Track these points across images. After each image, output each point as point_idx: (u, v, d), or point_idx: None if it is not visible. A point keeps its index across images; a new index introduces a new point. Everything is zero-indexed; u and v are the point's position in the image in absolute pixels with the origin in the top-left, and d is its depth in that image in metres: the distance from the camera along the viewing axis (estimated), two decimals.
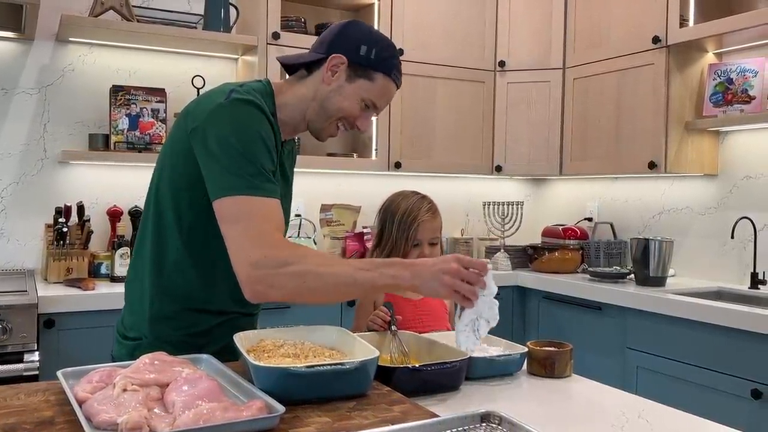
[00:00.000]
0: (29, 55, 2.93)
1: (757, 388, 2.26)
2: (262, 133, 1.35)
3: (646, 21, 3.03)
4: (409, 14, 3.36)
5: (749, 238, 2.90)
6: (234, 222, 1.29)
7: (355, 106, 1.47)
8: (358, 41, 1.44)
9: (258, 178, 1.31)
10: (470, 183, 3.89)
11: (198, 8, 3.17)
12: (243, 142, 1.31)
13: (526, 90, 3.54)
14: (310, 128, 1.52)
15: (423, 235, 1.92)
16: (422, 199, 1.98)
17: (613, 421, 1.18)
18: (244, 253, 1.26)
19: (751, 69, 2.89)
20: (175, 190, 1.41)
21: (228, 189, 1.29)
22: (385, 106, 1.52)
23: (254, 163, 1.31)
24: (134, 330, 1.48)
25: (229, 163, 1.30)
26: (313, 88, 1.47)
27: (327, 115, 1.48)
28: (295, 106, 1.49)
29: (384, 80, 1.46)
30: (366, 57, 1.44)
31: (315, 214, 3.40)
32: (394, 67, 1.47)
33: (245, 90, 1.40)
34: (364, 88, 1.45)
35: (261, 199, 1.30)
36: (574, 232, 3.53)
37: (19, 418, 1.03)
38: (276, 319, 2.61)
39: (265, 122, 1.37)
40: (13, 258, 2.90)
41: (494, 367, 1.43)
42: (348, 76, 1.45)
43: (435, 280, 1.26)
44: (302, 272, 1.25)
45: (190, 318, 1.45)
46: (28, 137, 2.93)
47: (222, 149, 1.31)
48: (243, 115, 1.35)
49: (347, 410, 1.12)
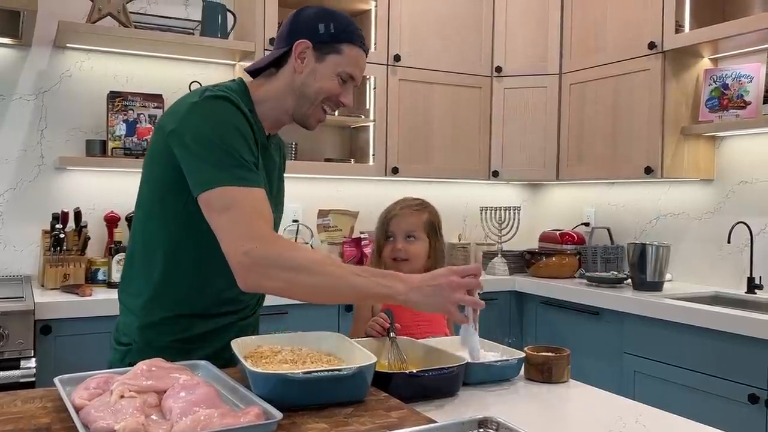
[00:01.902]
0: (27, 61, 2.93)
1: (754, 393, 2.27)
2: (238, 125, 1.35)
3: (642, 27, 3.04)
4: (406, 20, 3.37)
5: (745, 242, 2.91)
6: (222, 212, 1.29)
7: (333, 82, 1.47)
8: (313, 22, 1.45)
9: (240, 169, 1.31)
10: (467, 188, 3.89)
11: (195, 14, 3.18)
12: (220, 135, 1.32)
13: (522, 95, 3.55)
14: (296, 118, 1.52)
15: (396, 228, 1.92)
16: (407, 198, 2.00)
17: (611, 426, 1.18)
18: (236, 243, 1.27)
19: (747, 74, 2.90)
20: (159, 197, 1.42)
21: (212, 181, 1.30)
22: (361, 74, 1.52)
23: (233, 155, 1.31)
24: (126, 335, 1.48)
25: (209, 157, 1.31)
26: (287, 80, 1.48)
27: (309, 100, 1.48)
28: (274, 101, 1.49)
29: (351, 49, 1.47)
30: (327, 33, 1.45)
31: (312, 220, 3.40)
32: (356, 33, 1.48)
33: (219, 88, 1.41)
34: (336, 62, 1.46)
35: (246, 189, 1.31)
36: (571, 237, 3.54)
37: (16, 425, 1.03)
38: (273, 324, 2.61)
39: (240, 116, 1.37)
40: (10, 264, 2.90)
41: (492, 373, 1.43)
42: (317, 57, 1.45)
43: (437, 296, 1.27)
44: (295, 267, 1.26)
45: (181, 324, 1.45)
46: (25, 143, 2.93)
47: (200, 144, 1.32)
48: (217, 109, 1.36)
49: (345, 416, 1.12)
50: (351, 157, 3.56)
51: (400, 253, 1.91)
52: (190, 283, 1.44)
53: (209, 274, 1.42)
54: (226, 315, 1.50)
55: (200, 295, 1.45)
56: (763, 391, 2.25)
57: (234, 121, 1.36)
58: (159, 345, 1.42)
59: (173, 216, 1.40)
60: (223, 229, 1.29)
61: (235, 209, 1.28)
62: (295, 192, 3.43)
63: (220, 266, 1.30)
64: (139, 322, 1.45)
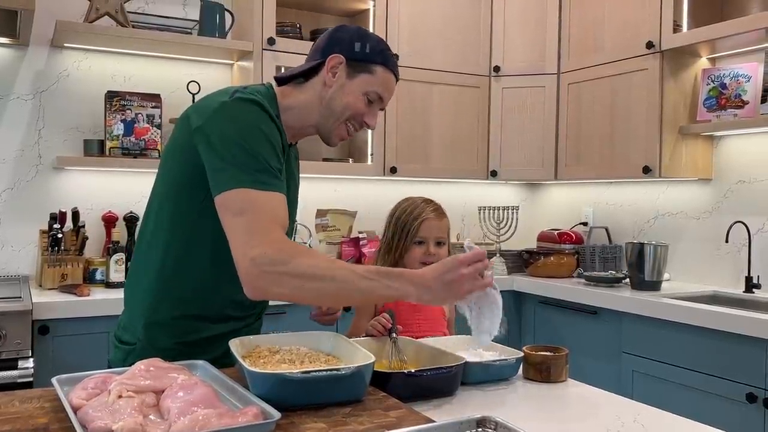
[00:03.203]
0: (24, 60, 2.93)
1: (752, 392, 2.27)
2: (266, 130, 1.35)
3: (640, 26, 3.04)
4: (404, 20, 3.36)
5: (743, 242, 2.91)
6: (237, 215, 1.27)
7: (360, 101, 1.48)
8: (351, 39, 1.47)
9: (263, 174, 1.30)
10: (466, 188, 3.90)
11: (193, 14, 3.17)
12: (247, 138, 1.31)
13: (521, 95, 3.55)
14: (320, 132, 1.52)
15: (428, 233, 1.91)
16: (428, 201, 1.98)
17: (609, 425, 1.18)
18: (245, 248, 1.25)
19: (745, 74, 2.90)
20: (174, 193, 1.41)
21: (232, 182, 1.29)
22: (389, 98, 1.52)
23: (258, 159, 1.30)
24: (129, 334, 1.47)
25: (233, 159, 1.29)
26: (316, 91, 1.48)
27: (334, 116, 1.48)
28: (300, 111, 1.49)
29: (384, 71, 1.48)
30: (362, 52, 1.46)
31: (311, 220, 3.40)
32: (391, 58, 1.50)
33: (249, 91, 1.41)
34: (367, 81, 1.47)
35: (266, 194, 1.29)
36: (569, 237, 3.54)
37: (13, 425, 1.02)
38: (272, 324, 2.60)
39: (269, 121, 1.37)
40: (8, 264, 2.89)
41: (490, 372, 1.43)
42: (348, 74, 1.46)
43: (448, 291, 1.26)
44: (303, 274, 1.24)
45: (187, 325, 1.45)
46: (23, 143, 2.92)
47: (226, 145, 1.31)
48: (246, 113, 1.35)
49: (343, 416, 1.12)
50: (349, 157, 3.56)
51: (431, 258, 1.88)
52: (199, 283, 1.43)
53: (219, 276, 1.42)
54: (233, 320, 1.49)
55: (209, 296, 1.44)
56: (761, 390, 2.25)
57: (262, 125, 1.35)
58: (163, 346, 1.40)
59: (187, 213, 1.40)
60: (234, 232, 1.28)
61: (251, 213, 1.27)
62: None
63: (231, 269, 1.28)
64: (145, 319, 1.44)
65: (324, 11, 3.49)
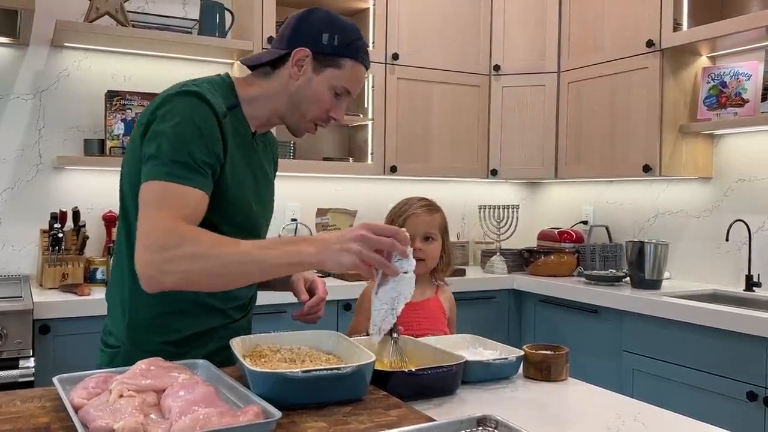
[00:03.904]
0: (24, 60, 2.93)
1: (752, 390, 2.27)
2: (199, 123, 1.31)
3: (640, 25, 3.04)
4: (404, 19, 3.36)
5: (744, 240, 2.91)
6: (145, 206, 1.26)
7: (327, 96, 1.43)
8: (318, 30, 1.41)
9: (181, 167, 1.27)
10: (466, 187, 3.90)
11: (193, 13, 3.17)
12: (176, 132, 1.29)
13: (521, 94, 3.55)
14: (286, 123, 1.49)
15: (414, 228, 1.88)
16: (419, 198, 1.97)
17: (609, 424, 1.18)
18: (143, 237, 1.23)
19: (745, 72, 2.90)
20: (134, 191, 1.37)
21: (150, 174, 1.27)
22: (358, 90, 1.48)
23: (182, 152, 1.28)
24: (114, 337, 1.46)
25: (158, 151, 1.28)
26: (281, 83, 1.44)
27: (300, 110, 1.45)
28: (265, 102, 1.46)
29: (353, 64, 1.43)
30: (329, 45, 1.40)
31: (311, 219, 3.40)
32: (360, 50, 1.44)
33: (197, 83, 1.38)
34: (334, 76, 1.42)
35: (180, 187, 1.26)
36: (569, 236, 3.55)
37: (14, 425, 1.03)
38: (272, 324, 2.60)
39: (207, 113, 1.33)
40: (8, 264, 2.90)
41: (490, 371, 1.43)
42: (315, 68, 1.41)
43: (346, 252, 1.20)
44: (192, 254, 1.19)
45: (169, 323, 1.42)
46: (23, 143, 2.93)
47: (156, 138, 1.29)
48: (183, 107, 1.32)
49: (343, 415, 1.12)
50: (349, 156, 3.56)
51: (419, 254, 1.89)
52: None
53: None
54: (216, 313, 1.46)
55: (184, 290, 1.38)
56: (761, 388, 2.26)
57: (197, 119, 1.31)
58: (148, 348, 1.36)
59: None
60: (140, 222, 1.25)
61: (158, 204, 1.24)
62: (293, 191, 3.45)
63: None
64: (126, 321, 1.42)
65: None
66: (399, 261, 1.25)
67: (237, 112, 1.43)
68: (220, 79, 1.45)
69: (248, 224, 1.47)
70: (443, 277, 1.99)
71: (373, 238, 1.21)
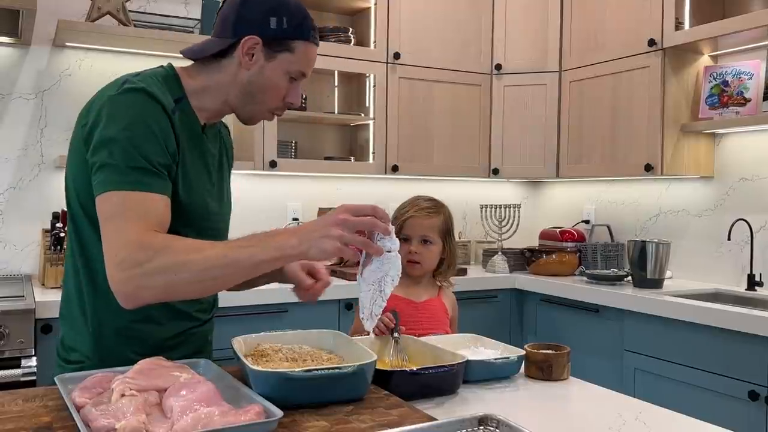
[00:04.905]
0: (26, 60, 2.93)
1: (754, 390, 2.27)
2: (151, 123, 1.25)
3: (642, 24, 3.04)
4: (405, 18, 3.36)
5: (746, 239, 2.91)
6: (107, 220, 1.19)
7: (282, 83, 1.37)
8: (265, 14, 1.33)
9: (139, 173, 1.21)
10: (467, 186, 3.90)
11: (195, 13, 3.17)
12: (128, 136, 1.22)
13: (522, 93, 3.55)
14: (238, 114, 1.42)
15: (411, 231, 1.88)
16: (421, 199, 1.96)
17: (611, 423, 1.18)
18: (111, 254, 1.16)
19: (747, 71, 2.90)
20: (84, 200, 1.30)
21: (105, 185, 1.20)
22: (311, 69, 1.41)
23: (137, 158, 1.21)
24: (76, 351, 1.38)
25: (110, 158, 1.21)
26: (230, 73, 1.37)
27: (255, 99, 1.38)
28: (215, 93, 1.39)
29: (305, 45, 1.36)
30: (279, 29, 1.33)
31: (312, 218, 3.39)
32: (310, 29, 1.37)
33: (140, 78, 1.31)
34: (288, 60, 1.36)
35: (140, 194, 1.20)
36: (571, 235, 3.54)
37: (17, 424, 1.03)
38: (273, 323, 2.61)
39: (157, 110, 1.27)
40: (10, 263, 2.90)
41: (492, 371, 1.43)
42: (267, 55, 1.35)
43: (326, 238, 1.15)
44: (169, 265, 1.14)
45: (136, 332, 1.35)
46: (25, 142, 2.93)
47: (105, 144, 1.22)
48: (131, 106, 1.25)
49: (345, 414, 1.12)
50: (351, 156, 3.56)
51: (414, 256, 1.88)
52: None
53: None
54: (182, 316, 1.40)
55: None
56: (763, 388, 2.25)
57: (148, 119, 1.25)
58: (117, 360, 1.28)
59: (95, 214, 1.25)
60: (105, 238, 1.19)
61: (120, 217, 1.18)
62: (294, 190, 3.45)
63: None
64: (90, 333, 1.35)
65: (325, 9, 3.48)
66: (381, 240, 1.22)
67: (184, 105, 1.36)
68: (164, 70, 1.38)
69: (205, 224, 1.40)
70: (446, 279, 1.99)
71: (352, 220, 1.17)
